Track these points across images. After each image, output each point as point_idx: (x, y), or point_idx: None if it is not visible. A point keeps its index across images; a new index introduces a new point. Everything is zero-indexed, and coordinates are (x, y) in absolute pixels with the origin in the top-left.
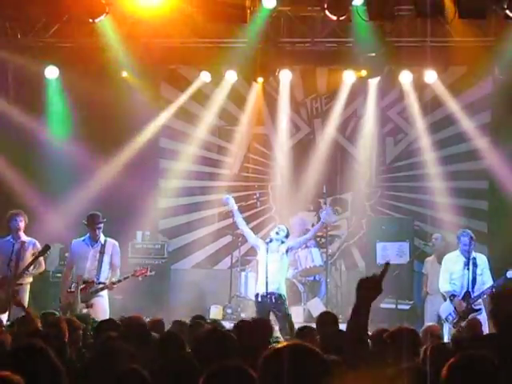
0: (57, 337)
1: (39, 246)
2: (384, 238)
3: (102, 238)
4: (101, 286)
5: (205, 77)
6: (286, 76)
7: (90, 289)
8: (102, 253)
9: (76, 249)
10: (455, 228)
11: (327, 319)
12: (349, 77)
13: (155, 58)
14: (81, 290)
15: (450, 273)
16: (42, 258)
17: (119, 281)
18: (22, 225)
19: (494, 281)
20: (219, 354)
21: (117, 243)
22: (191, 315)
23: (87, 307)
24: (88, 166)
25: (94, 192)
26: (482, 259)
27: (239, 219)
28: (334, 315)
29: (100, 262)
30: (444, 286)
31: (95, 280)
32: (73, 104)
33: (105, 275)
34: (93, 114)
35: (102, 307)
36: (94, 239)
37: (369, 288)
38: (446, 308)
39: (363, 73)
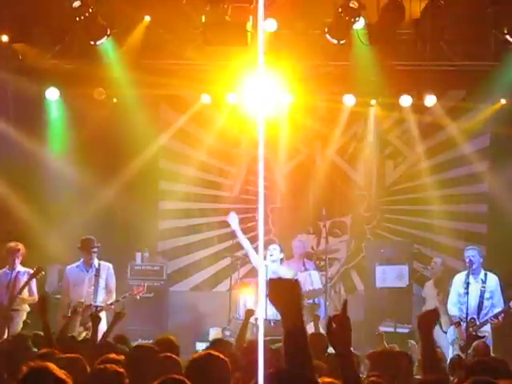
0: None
1: None
2: (383, 261)
3: (96, 261)
4: (98, 308)
5: (205, 99)
6: (286, 99)
7: (87, 312)
8: (97, 276)
9: (71, 276)
10: (454, 252)
11: (317, 340)
12: (349, 100)
13: (155, 80)
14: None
15: (457, 294)
16: (35, 289)
17: (117, 301)
18: (19, 255)
19: (504, 303)
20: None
21: (111, 266)
22: (190, 337)
23: (85, 330)
24: (88, 188)
25: (93, 213)
26: (492, 280)
27: (242, 239)
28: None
29: (96, 286)
30: (451, 309)
31: (92, 303)
32: (73, 126)
33: (101, 298)
34: (93, 135)
35: (100, 329)
36: (87, 264)
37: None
38: (452, 331)
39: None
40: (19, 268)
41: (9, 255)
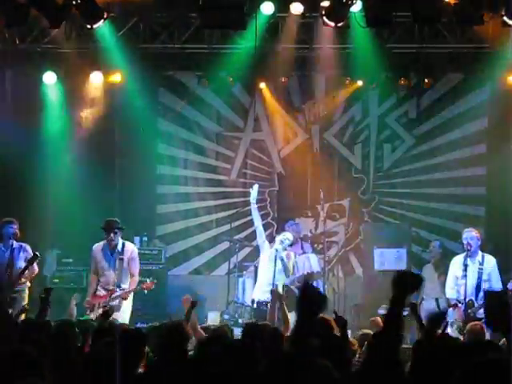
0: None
1: (29, 250)
2: (381, 244)
3: (120, 242)
4: (117, 294)
5: (203, 83)
6: (283, 82)
7: (110, 297)
8: (121, 260)
9: (97, 256)
10: (452, 234)
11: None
12: (346, 83)
13: (153, 64)
14: (102, 297)
15: (454, 277)
16: (35, 264)
17: (130, 291)
18: (14, 232)
19: (503, 285)
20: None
21: (135, 249)
22: None
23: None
24: (85, 172)
25: (91, 197)
26: (490, 262)
27: (255, 214)
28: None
29: (120, 269)
30: (448, 291)
31: (116, 289)
32: (70, 110)
33: (125, 281)
34: (91, 119)
35: (121, 309)
36: (111, 246)
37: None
38: (451, 313)
39: (359, 83)
40: (14, 244)
41: (3, 229)
